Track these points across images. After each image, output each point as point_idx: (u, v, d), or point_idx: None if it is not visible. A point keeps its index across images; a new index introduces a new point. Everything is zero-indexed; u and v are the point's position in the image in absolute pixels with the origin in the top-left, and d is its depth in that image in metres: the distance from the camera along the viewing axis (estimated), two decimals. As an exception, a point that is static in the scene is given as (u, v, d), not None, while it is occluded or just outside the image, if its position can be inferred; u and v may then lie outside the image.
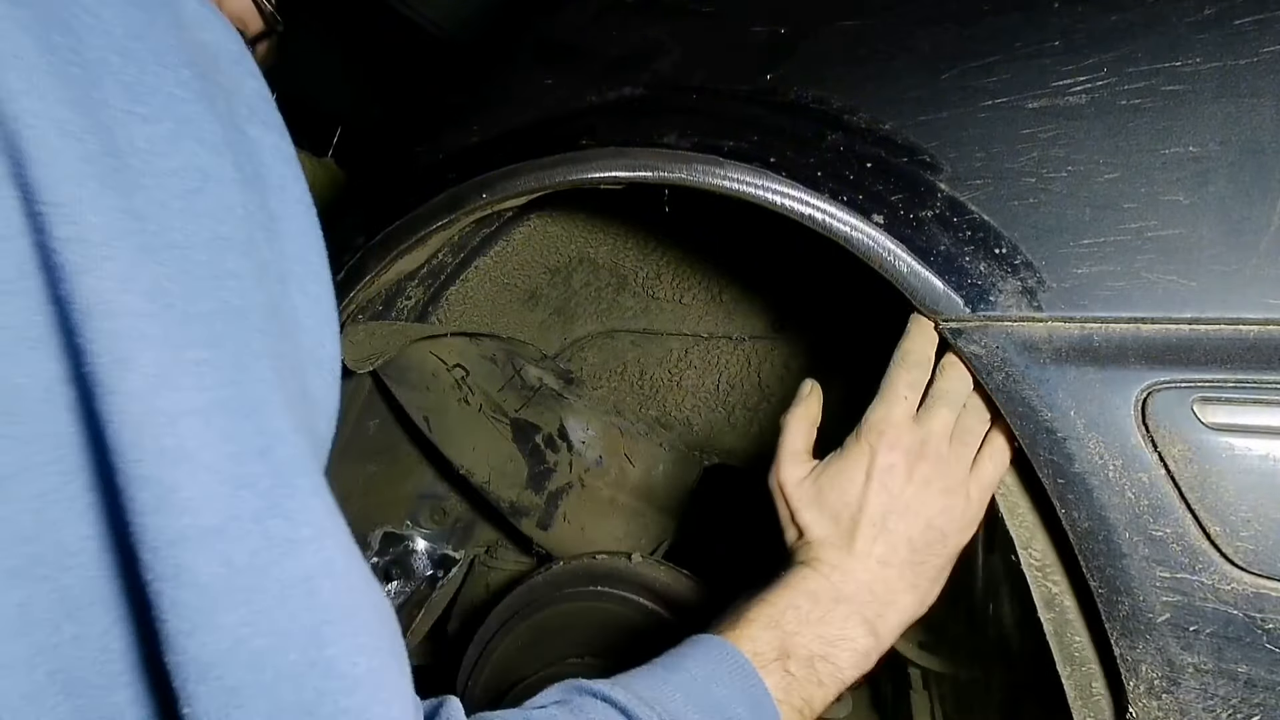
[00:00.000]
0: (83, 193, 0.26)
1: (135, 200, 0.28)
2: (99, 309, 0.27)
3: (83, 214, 0.26)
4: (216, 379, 0.29)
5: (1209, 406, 0.60)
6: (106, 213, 0.27)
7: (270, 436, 0.31)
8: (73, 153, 0.26)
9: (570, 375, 1.25)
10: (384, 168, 1.07)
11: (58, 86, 0.26)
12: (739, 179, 0.75)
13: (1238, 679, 0.61)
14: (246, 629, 0.29)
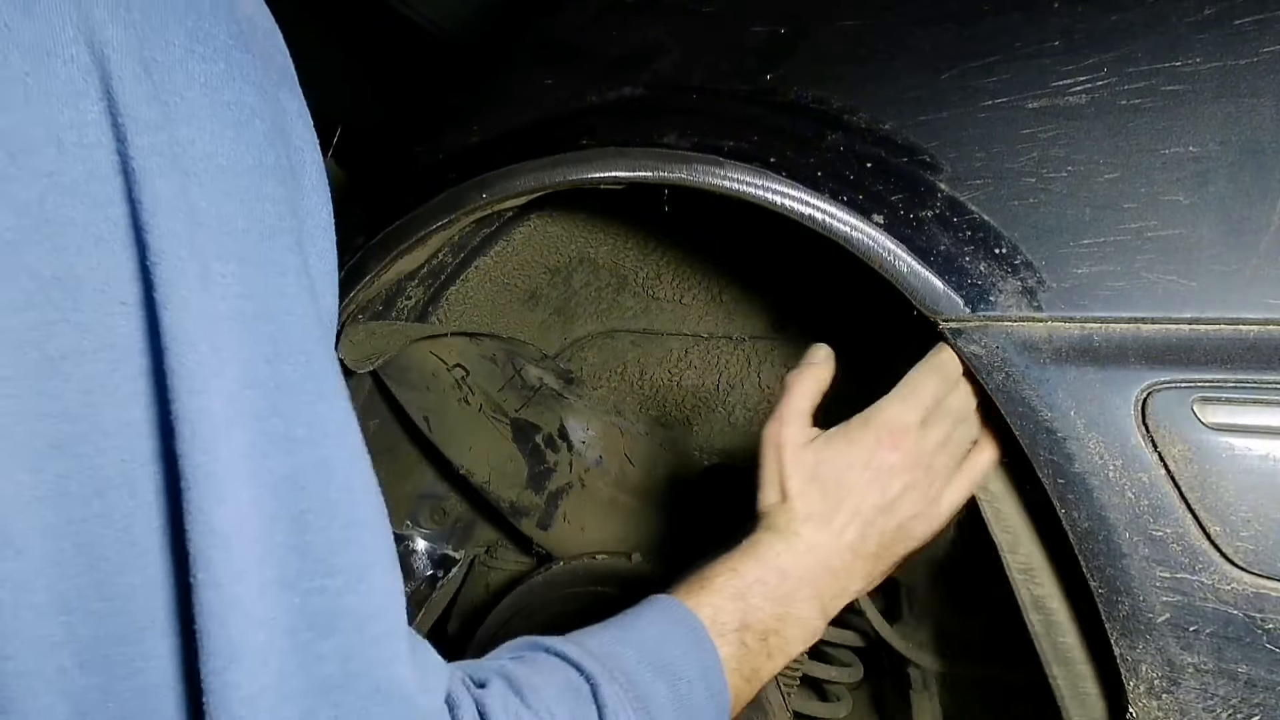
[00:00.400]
0: (152, 114, 0.31)
1: (188, 129, 0.32)
2: (162, 209, 0.31)
3: (154, 128, 0.31)
4: (240, 290, 0.33)
5: (1209, 406, 0.60)
6: (159, 133, 0.31)
7: (281, 345, 0.34)
8: (144, 85, 0.30)
9: (570, 375, 1.25)
10: (384, 168, 1.07)
11: (140, 21, 0.31)
12: (739, 179, 0.75)
13: (1238, 679, 0.61)
14: (250, 508, 0.33)
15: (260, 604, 0.34)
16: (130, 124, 0.30)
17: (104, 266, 0.31)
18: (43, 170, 0.29)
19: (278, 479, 0.35)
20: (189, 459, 0.32)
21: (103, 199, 0.31)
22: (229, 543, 0.33)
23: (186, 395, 0.32)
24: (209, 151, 0.32)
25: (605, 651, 0.57)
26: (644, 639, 0.59)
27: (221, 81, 0.33)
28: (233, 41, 0.34)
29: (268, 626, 0.34)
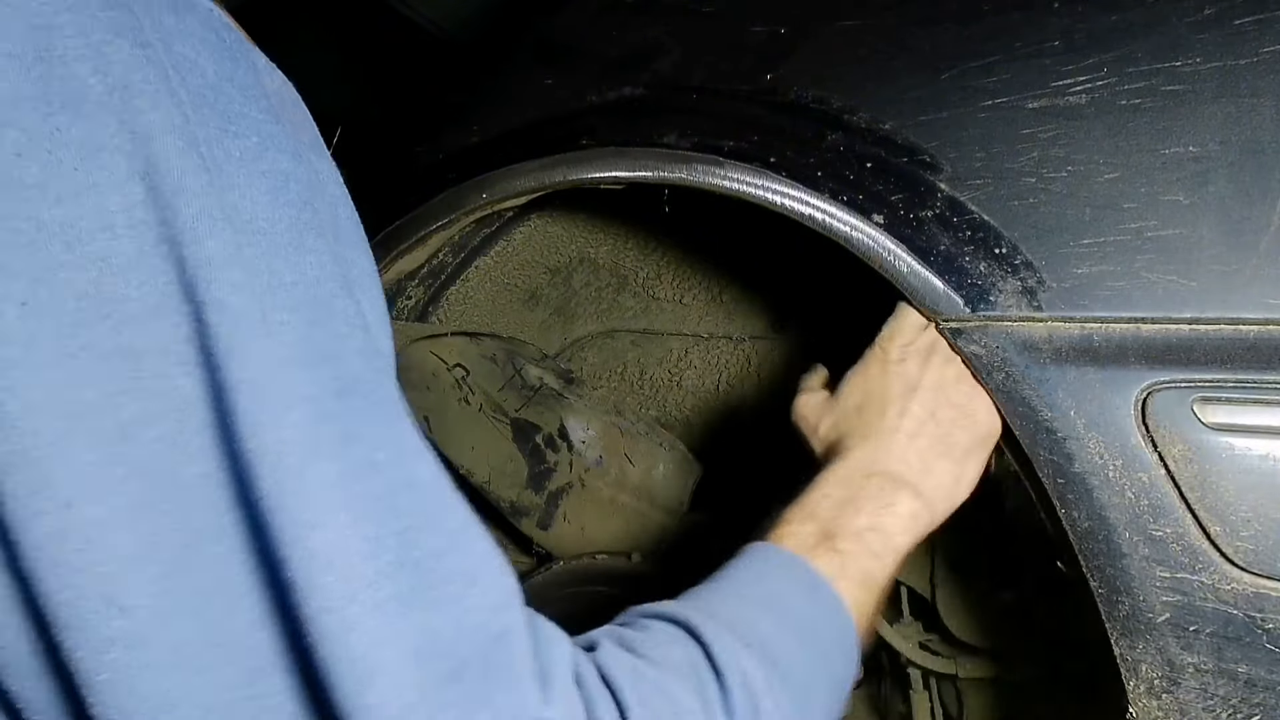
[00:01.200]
0: (199, 183, 0.33)
1: (232, 195, 0.34)
2: (217, 264, 0.33)
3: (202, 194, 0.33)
4: (296, 336, 0.35)
5: (1209, 406, 0.60)
6: (207, 198, 0.33)
7: (345, 380, 0.36)
8: (189, 158, 0.33)
9: (570, 375, 1.25)
10: (384, 168, 1.07)
11: (175, 109, 0.33)
12: (739, 179, 0.75)
13: (1238, 679, 0.61)
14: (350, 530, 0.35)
15: (380, 623, 0.34)
16: (179, 194, 0.33)
17: (161, 334, 0.33)
18: (97, 255, 0.32)
19: (371, 501, 0.36)
20: (275, 493, 0.33)
21: (154, 271, 0.33)
22: (333, 567, 0.34)
23: (264, 433, 0.33)
24: (251, 215, 0.35)
25: (699, 603, 0.56)
26: (737, 583, 0.58)
27: (256, 153, 0.35)
28: (263, 116, 0.37)
29: (393, 643, 0.34)
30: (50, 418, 0.31)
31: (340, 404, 0.36)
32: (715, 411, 1.30)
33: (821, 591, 0.58)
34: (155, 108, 0.33)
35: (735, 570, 0.59)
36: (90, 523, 0.32)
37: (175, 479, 0.33)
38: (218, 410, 0.34)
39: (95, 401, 0.32)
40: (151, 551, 0.33)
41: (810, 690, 0.54)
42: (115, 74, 0.32)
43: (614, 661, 0.47)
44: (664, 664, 0.49)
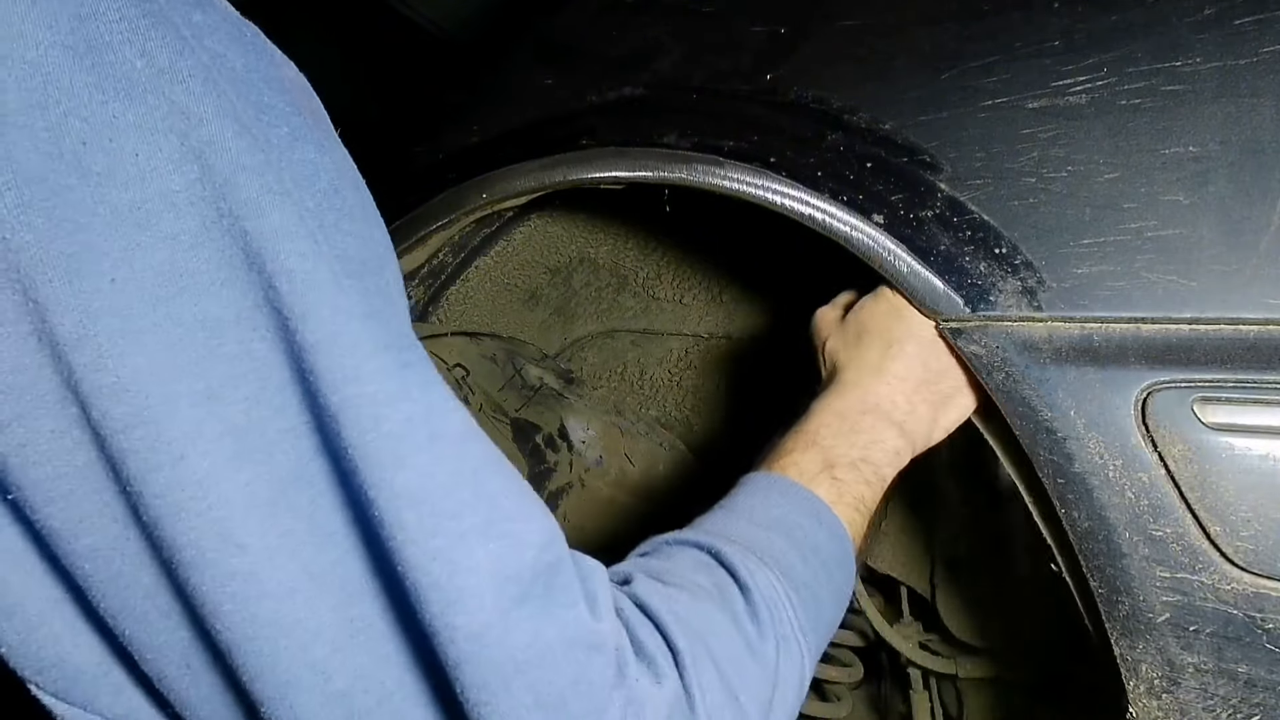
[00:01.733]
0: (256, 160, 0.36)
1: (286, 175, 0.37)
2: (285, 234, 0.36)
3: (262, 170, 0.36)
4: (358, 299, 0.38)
5: (1209, 406, 0.60)
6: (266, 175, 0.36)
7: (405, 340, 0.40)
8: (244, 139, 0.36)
9: (570, 375, 1.25)
10: (384, 168, 1.07)
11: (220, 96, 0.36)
12: (739, 179, 0.75)
13: (1238, 679, 0.61)
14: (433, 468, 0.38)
15: (461, 553, 0.38)
16: (238, 171, 0.35)
17: (233, 303, 0.36)
18: (166, 234, 0.34)
19: (445, 444, 0.39)
20: (359, 442, 0.36)
21: (219, 246, 0.35)
22: (416, 504, 0.37)
23: (344, 388, 0.36)
24: (299, 196, 0.37)
25: (716, 528, 0.61)
26: (747, 509, 0.63)
27: (288, 143, 0.38)
28: (289, 109, 0.39)
29: (472, 571, 0.38)
30: (154, 381, 0.34)
31: (404, 357, 0.39)
32: (715, 411, 1.30)
33: (824, 516, 0.64)
34: (205, 92, 0.35)
35: (745, 498, 0.65)
36: (199, 474, 0.35)
37: (263, 434, 0.37)
38: (297, 370, 0.37)
39: (186, 367, 0.35)
40: (251, 498, 0.36)
41: (820, 601, 0.60)
42: (160, 59, 0.34)
43: (648, 591, 0.51)
44: (693, 588, 0.54)
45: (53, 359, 0.33)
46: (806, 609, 0.57)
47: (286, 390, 0.37)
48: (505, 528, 0.40)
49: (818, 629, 0.58)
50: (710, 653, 0.50)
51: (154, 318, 0.34)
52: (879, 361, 0.73)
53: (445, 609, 0.38)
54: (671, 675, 0.47)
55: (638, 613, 0.49)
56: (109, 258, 0.33)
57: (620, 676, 0.44)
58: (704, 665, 0.49)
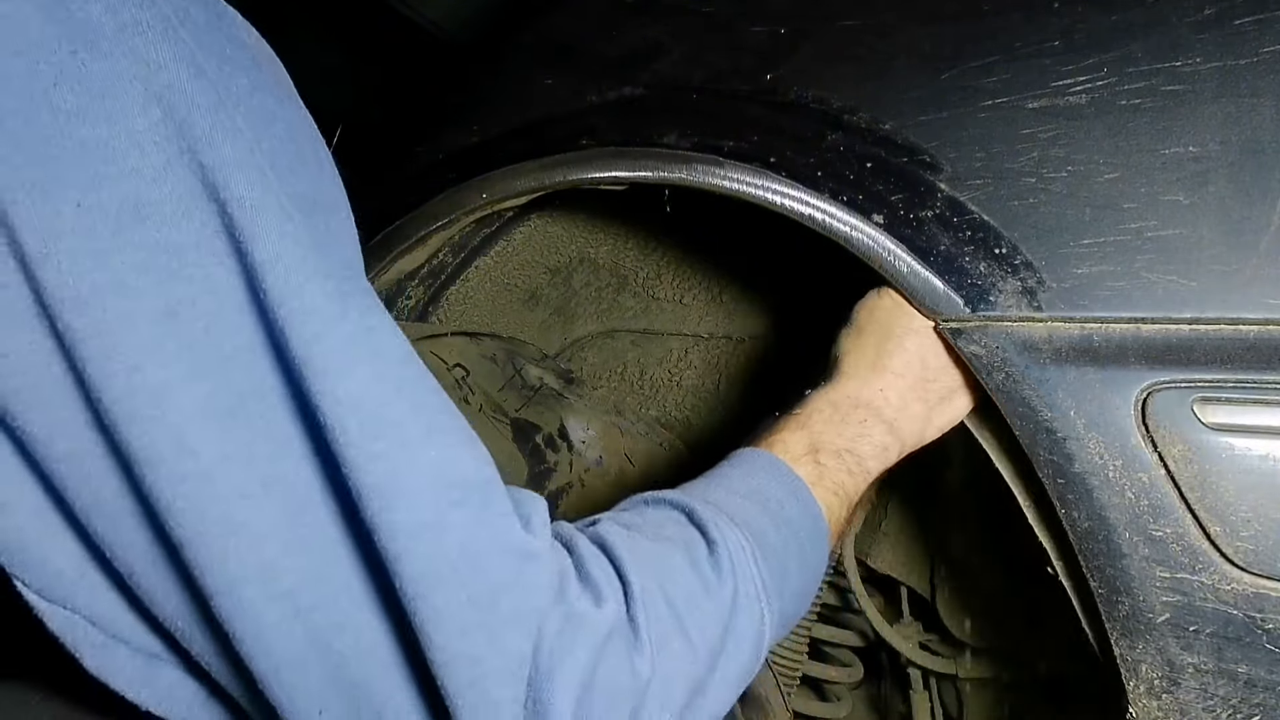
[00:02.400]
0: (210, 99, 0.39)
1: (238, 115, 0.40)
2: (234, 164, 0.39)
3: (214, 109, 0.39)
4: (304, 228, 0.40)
5: (1209, 406, 0.60)
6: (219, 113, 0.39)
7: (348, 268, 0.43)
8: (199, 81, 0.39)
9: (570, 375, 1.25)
10: (384, 168, 1.07)
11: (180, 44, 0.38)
12: (739, 179, 0.75)
13: (1238, 679, 0.61)
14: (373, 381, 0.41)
15: (402, 456, 0.41)
16: (193, 110, 0.38)
17: (192, 231, 0.38)
18: (131, 169, 0.37)
19: (384, 359, 0.42)
20: (304, 351, 0.39)
21: (180, 179, 0.38)
22: (359, 410, 0.40)
23: (290, 300, 0.39)
24: (253, 136, 0.40)
25: (694, 491, 0.63)
26: (727, 478, 0.65)
27: (246, 92, 0.41)
28: (249, 63, 0.42)
29: (412, 473, 0.41)
30: (113, 297, 0.37)
31: (345, 286, 0.41)
32: (715, 411, 1.30)
33: (801, 493, 0.65)
34: (164, 41, 0.38)
35: (728, 468, 0.67)
36: (155, 384, 0.38)
37: (220, 350, 0.39)
38: (251, 291, 0.39)
39: (146, 287, 0.37)
40: (208, 407, 0.39)
41: (788, 571, 0.61)
42: (124, 14, 0.37)
43: (609, 531, 0.54)
44: (658, 536, 0.56)
45: (24, 276, 0.36)
46: (773, 574, 0.59)
47: (244, 311, 0.40)
48: (444, 439, 0.43)
49: (783, 596, 0.59)
50: (663, 588, 0.51)
51: (116, 242, 0.37)
52: (876, 356, 0.73)
53: (385, 507, 0.40)
54: (614, 601, 0.48)
55: (592, 547, 0.51)
56: (76, 186, 0.36)
57: (560, 594, 0.46)
58: (654, 598, 0.50)
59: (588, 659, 0.45)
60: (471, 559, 0.42)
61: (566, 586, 0.47)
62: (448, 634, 0.41)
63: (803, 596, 0.64)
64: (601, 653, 0.46)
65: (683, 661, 0.51)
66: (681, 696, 0.51)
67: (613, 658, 0.47)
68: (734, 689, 0.56)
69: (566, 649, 0.44)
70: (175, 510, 0.39)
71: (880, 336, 0.74)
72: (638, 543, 0.53)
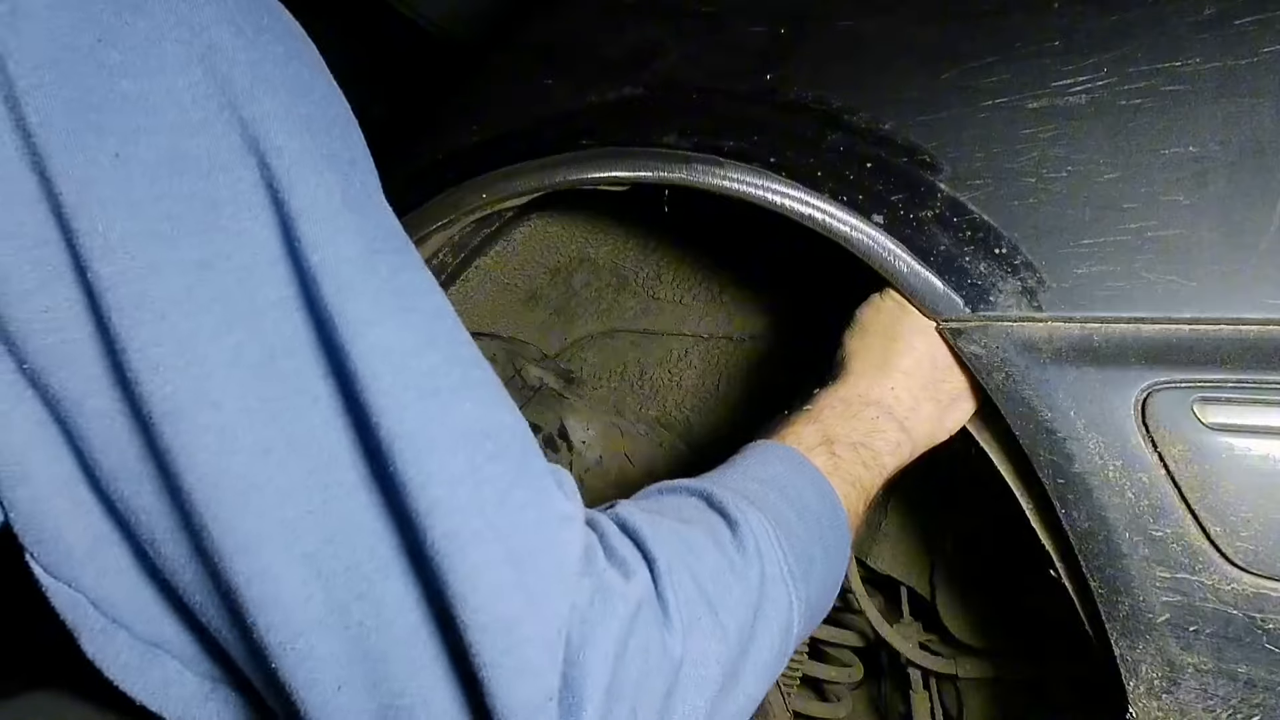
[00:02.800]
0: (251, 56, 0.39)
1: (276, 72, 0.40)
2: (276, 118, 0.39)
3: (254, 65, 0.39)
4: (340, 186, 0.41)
5: (1209, 406, 0.60)
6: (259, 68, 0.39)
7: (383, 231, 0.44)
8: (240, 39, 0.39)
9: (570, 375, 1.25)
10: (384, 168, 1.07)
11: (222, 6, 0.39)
12: (739, 179, 0.75)
13: (1238, 679, 0.61)
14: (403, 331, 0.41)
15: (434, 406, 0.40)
16: (234, 67, 0.38)
17: (230, 185, 0.38)
18: (169, 124, 0.37)
19: (418, 314, 0.41)
20: (337, 299, 0.39)
21: (219, 134, 0.38)
22: (390, 357, 0.39)
23: (323, 248, 0.39)
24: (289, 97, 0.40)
25: (710, 479, 0.62)
26: (743, 468, 0.64)
27: (283, 59, 0.41)
28: (287, 34, 0.42)
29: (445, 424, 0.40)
30: (144, 246, 0.37)
31: (379, 242, 0.42)
32: (715, 411, 1.30)
33: (818, 481, 0.65)
34: (207, 4, 0.38)
35: (743, 459, 0.66)
36: (182, 333, 0.37)
37: (253, 302, 0.39)
38: (287, 241, 0.39)
39: (180, 237, 0.37)
40: (236, 360, 0.38)
41: (812, 557, 0.59)
42: None
43: (630, 512, 0.52)
44: (679, 516, 0.55)
45: (61, 230, 0.36)
46: (799, 558, 0.57)
47: (278, 264, 0.39)
48: (479, 393, 0.42)
49: (809, 583, 0.58)
50: (689, 566, 0.50)
51: (152, 192, 0.37)
52: (884, 357, 0.73)
53: (417, 457, 0.39)
54: (643, 575, 0.47)
55: (614, 526, 0.50)
56: (114, 136, 0.36)
57: (589, 566, 0.44)
58: (681, 576, 0.49)
59: (620, 631, 0.43)
60: (510, 513, 0.41)
61: (595, 559, 0.45)
62: (484, 594, 0.39)
63: (828, 586, 0.62)
64: (633, 626, 0.44)
65: (714, 641, 0.49)
66: (715, 680, 0.49)
67: (644, 632, 0.45)
68: (765, 679, 0.54)
69: (598, 620, 0.43)
70: (196, 465, 0.38)
71: (887, 337, 0.73)
72: (659, 523, 0.52)
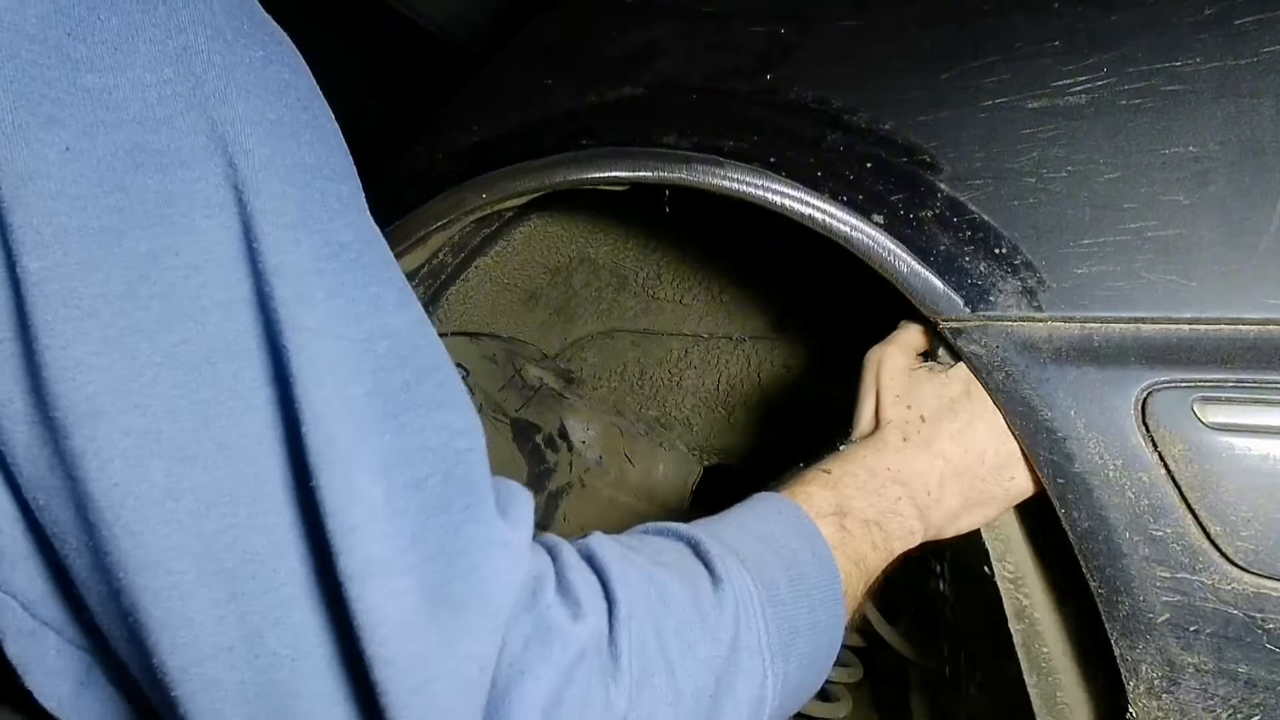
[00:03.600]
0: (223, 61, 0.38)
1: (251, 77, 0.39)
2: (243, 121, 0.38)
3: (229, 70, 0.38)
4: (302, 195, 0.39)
5: (1209, 406, 0.60)
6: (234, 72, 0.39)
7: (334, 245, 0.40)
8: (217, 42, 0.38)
9: (570, 375, 1.25)
10: (384, 168, 1.07)
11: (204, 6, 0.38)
12: (739, 179, 0.75)
13: (1238, 679, 0.61)
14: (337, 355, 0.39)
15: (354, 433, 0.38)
16: (209, 69, 0.37)
17: (190, 181, 0.37)
18: (132, 117, 0.36)
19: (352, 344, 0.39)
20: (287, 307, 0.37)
21: (186, 131, 0.37)
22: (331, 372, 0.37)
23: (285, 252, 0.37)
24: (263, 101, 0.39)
25: (703, 527, 0.58)
26: (740, 518, 0.60)
27: (261, 63, 0.40)
28: (269, 39, 0.41)
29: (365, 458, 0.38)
30: (83, 241, 0.35)
31: (347, 253, 0.40)
32: (715, 411, 1.30)
33: (819, 548, 0.60)
34: (185, 7, 0.38)
35: (744, 510, 0.62)
36: (114, 331, 0.35)
37: (198, 301, 0.37)
38: (245, 242, 0.38)
39: (128, 230, 0.36)
40: (171, 360, 0.36)
41: (796, 630, 0.54)
42: None
43: (602, 546, 0.49)
44: (657, 559, 0.51)
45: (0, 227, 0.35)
46: (780, 630, 0.53)
47: (234, 267, 0.38)
48: (405, 419, 0.40)
49: (788, 659, 0.53)
50: (653, 615, 0.46)
51: (104, 186, 0.35)
52: (933, 434, 0.68)
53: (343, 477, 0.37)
54: (595, 618, 0.44)
55: (577, 556, 0.47)
56: (69, 129, 0.35)
57: (532, 600, 0.41)
58: (642, 624, 0.45)
59: (554, 679, 0.40)
60: (427, 543, 0.38)
61: (541, 592, 0.42)
62: (391, 626, 0.36)
63: (811, 664, 0.57)
64: (571, 675, 0.41)
65: (663, 705, 0.45)
66: None
67: (584, 682, 0.42)
68: None
69: (531, 664, 0.40)
70: (109, 471, 0.35)
71: (945, 413, 0.69)
72: (631, 561, 0.48)
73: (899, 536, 0.66)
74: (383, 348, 0.40)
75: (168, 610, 0.36)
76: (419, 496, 0.39)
